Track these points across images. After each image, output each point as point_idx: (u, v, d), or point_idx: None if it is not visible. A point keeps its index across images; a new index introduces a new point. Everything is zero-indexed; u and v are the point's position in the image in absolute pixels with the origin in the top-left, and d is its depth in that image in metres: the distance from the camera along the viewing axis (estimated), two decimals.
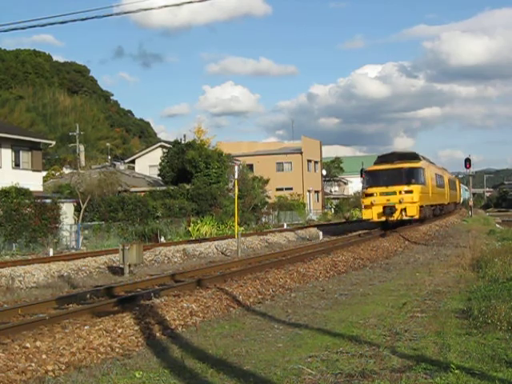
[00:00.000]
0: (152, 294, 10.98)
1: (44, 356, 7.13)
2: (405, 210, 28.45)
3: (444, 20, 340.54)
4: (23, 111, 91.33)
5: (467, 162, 49.58)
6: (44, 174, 47.61)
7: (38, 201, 28.76)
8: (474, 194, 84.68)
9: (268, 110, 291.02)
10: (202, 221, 34.48)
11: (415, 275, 14.47)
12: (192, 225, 33.65)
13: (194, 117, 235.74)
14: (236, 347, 7.80)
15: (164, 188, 42.24)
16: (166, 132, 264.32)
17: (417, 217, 29.28)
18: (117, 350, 7.82)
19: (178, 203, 37.40)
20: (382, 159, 32.20)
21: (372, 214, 29.11)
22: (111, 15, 25.06)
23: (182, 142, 47.96)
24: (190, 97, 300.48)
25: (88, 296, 12.02)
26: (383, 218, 29.13)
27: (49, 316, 9.63)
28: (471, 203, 56.53)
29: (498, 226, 43.20)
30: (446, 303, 10.51)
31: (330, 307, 10.61)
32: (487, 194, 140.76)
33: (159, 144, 58.90)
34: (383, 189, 29.08)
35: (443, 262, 17.28)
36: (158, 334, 8.65)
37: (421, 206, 29.78)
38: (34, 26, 15.07)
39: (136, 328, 8.64)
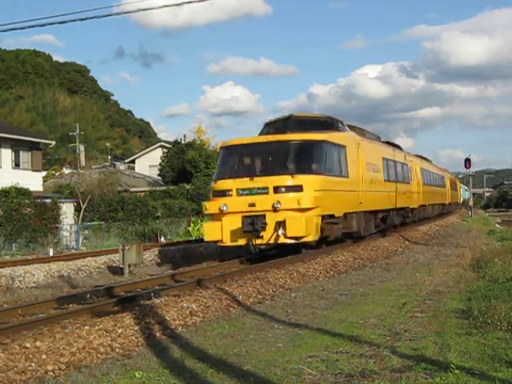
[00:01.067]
0: (152, 294, 10.98)
1: (44, 356, 7.12)
2: (283, 224, 14.90)
3: (444, 20, 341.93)
4: (23, 111, 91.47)
5: (467, 162, 49.64)
6: (44, 173, 47.70)
7: (38, 201, 28.82)
8: (473, 194, 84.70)
9: (268, 110, 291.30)
10: (202, 221, 34.47)
11: (415, 275, 14.45)
12: (192, 225, 33.66)
13: (194, 117, 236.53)
14: (236, 347, 7.79)
15: (164, 188, 42.31)
16: (166, 132, 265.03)
17: (311, 238, 15.59)
18: (117, 350, 7.82)
19: (178, 203, 37.44)
20: (272, 127, 18.31)
21: (221, 233, 15.55)
22: (111, 15, 25.19)
23: (182, 142, 48.07)
24: (190, 97, 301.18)
25: (88, 296, 12.03)
26: (242, 241, 15.59)
27: (49, 316, 9.64)
28: (471, 203, 56.56)
29: (497, 226, 43.20)
30: (446, 303, 10.50)
31: (330, 307, 10.60)
32: (487, 194, 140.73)
33: (159, 144, 59.04)
34: (245, 182, 15.64)
35: (443, 261, 17.26)
36: (158, 334, 8.65)
37: (327, 217, 16.68)
38: (34, 26, 15.16)
39: (136, 328, 8.63)
